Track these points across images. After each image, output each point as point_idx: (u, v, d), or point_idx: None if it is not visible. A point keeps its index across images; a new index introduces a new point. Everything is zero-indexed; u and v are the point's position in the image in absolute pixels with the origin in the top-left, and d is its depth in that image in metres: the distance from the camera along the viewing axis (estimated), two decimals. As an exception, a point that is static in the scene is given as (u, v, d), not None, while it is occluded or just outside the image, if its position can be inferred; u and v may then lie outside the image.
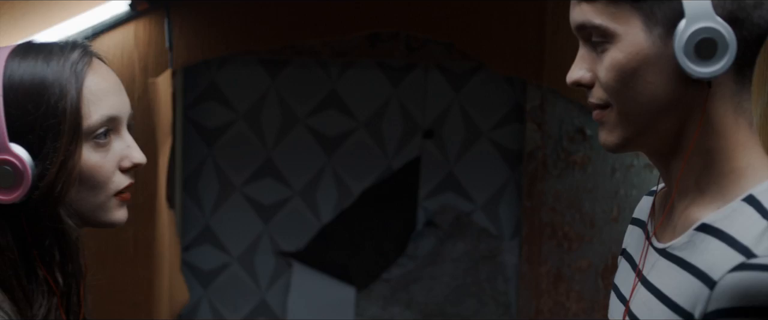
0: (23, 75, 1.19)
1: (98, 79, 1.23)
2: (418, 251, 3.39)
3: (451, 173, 3.35)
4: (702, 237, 1.05)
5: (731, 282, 0.98)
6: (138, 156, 1.26)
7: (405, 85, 3.31)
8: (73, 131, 1.18)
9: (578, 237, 2.92)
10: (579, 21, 1.10)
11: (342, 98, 3.30)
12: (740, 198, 1.05)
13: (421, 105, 3.32)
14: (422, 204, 3.37)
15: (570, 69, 1.12)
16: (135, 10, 2.63)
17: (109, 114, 1.22)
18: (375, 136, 3.33)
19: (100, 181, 1.22)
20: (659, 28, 1.04)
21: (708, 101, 1.06)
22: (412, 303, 3.39)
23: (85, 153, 1.20)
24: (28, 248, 1.19)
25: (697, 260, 1.04)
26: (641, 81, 1.06)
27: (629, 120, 1.09)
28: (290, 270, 3.39)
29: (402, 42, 3.07)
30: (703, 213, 1.07)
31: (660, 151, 1.12)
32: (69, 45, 1.24)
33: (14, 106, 1.17)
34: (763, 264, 0.97)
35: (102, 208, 1.24)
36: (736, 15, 1.04)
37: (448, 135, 3.32)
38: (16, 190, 1.16)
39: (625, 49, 1.06)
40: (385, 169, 3.35)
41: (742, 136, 1.08)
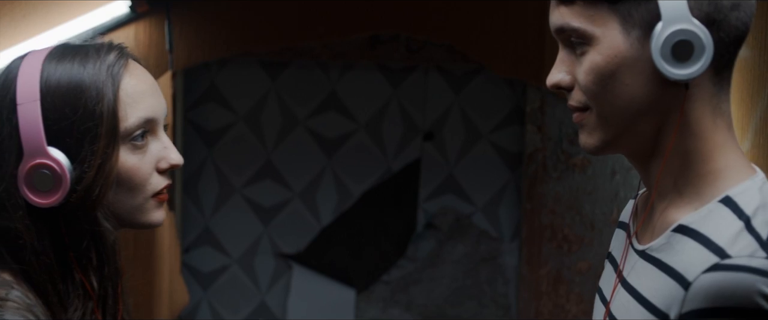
0: (60, 78, 1.19)
1: (135, 81, 1.23)
2: (418, 253, 3.39)
3: (451, 175, 3.35)
4: (678, 238, 1.05)
5: (705, 283, 0.98)
6: (175, 157, 1.26)
7: (405, 86, 3.31)
8: (111, 134, 1.18)
9: (578, 240, 2.92)
10: (558, 24, 1.10)
11: (342, 100, 3.30)
12: (717, 200, 1.05)
13: (421, 107, 3.32)
14: (422, 206, 3.37)
15: (550, 72, 1.13)
16: (135, 12, 2.63)
17: (146, 116, 1.22)
18: (375, 138, 3.33)
19: (137, 183, 1.22)
20: (637, 30, 1.05)
21: (685, 103, 1.06)
22: (412, 304, 3.39)
23: (122, 155, 1.19)
24: (65, 251, 1.19)
25: (673, 261, 1.04)
26: (619, 83, 1.06)
27: (608, 122, 1.09)
28: (290, 271, 3.39)
29: (402, 44, 3.07)
30: (681, 215, 1.07)
31: (639, 152, 1.12)
32: (105, 47, 1.24)
33: (52, 110, 1.17)
34: (736, 265, 0.98)
35: (140, 210, 1.24)
36: (712, 17, 1.04)
37: (448, 137, 3.32)
38: (55, 194, 1.16)
39: (604, 52, 1.06)
40: (385, 171, 3.35)
41: (720, 137, 1.08)
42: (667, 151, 1.08)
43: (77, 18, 2.59)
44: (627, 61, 1.05)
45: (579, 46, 1.09)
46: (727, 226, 1.02)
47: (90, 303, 1.20)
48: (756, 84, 2.15)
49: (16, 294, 1.15)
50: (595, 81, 1.07)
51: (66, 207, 1.17)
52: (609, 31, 1.06)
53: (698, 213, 1.05)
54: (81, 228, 1.18)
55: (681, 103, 1.06)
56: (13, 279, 1.17)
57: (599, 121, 1.10)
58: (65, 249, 1.19)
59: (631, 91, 1.05)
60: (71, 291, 1.19)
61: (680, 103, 1.06)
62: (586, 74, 1.08)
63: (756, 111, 2.14)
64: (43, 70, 1.19)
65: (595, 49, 1.07)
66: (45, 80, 1.18)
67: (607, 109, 1.08)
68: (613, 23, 1.06)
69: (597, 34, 1.06)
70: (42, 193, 1.16)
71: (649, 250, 1.10)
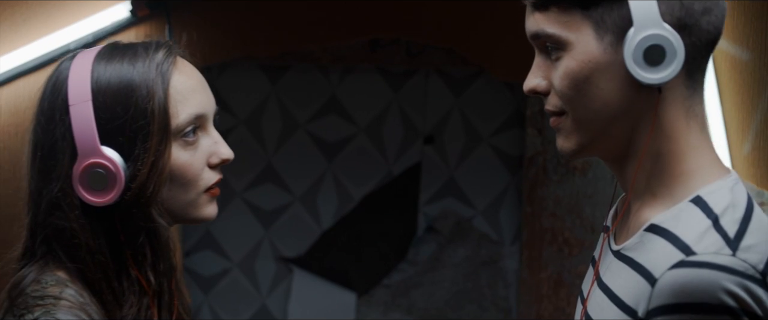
0: (110, 78, 1.20)
1: (184, 78, 1.24)
2: (419, 256, 3.39)
3: (452, 178, 3.35)
4: (650, 238, 1.07)
5: (670, 279, 1.00)
6: (225, 151, 1.27)
7: (405, 90, 3.31)
8: (162, 131, 1.19)
9: (579, 243, 2.92)
10: (533, 30, 1.12)
11: (342, 104, 3.30)
12: (688, 199, 1.07)
13: (421, 110, 3.32)
14: (423, 210, 3.37)
15: (526, 77, 1.15)
16: (136, 16, 2.63)
17: (196, 112, 1.23)
18: (375, 142, 3.33)
19: (190, 179, 1.23)
20: (610, 35, 1.07)
21: (659, 106, 1.08)
22: (413, 308, 3.39)
23: (174, 152, 1.21)
24: (120, 249, 1.20)
25: (643, 259, 1.06)
26: (594, 88, 1.08)
27: (584, 126, 1.11)
28: (291, 275, 3.39)
29: (402, 47, 3.07)
30: (654, 214, 1.10)
31: (615, 155, 1.14)
32: (153, 45, 1.25)
33: (103, 110, 1.18)
34: (700, 261, 0.99)
35: (193, 205, 1.26)
36: (684, 22, 1.07)
37: (449, 140, 3.33)
38: (110, 192, 1.17)
39: (578, 57, 1.08)
40: (385, 175, 3.35)
41: (694, 139, 1.11)
42: (642, 153, 1.10)
43: (78, 22, 2.60)
44: (601, 66, 1.07)
45: (554, 52, 1.10)
46: (696, 225, 1.04)
47: (145, 299, 1.22)
48: (756, 87, 2.15)
49: (70, 293, 1.17)
50: (570, 86, 1.09)
51: (120, 205, 1.19)
52: (583, 37, 1.08)
53: (669, 212, 1.08)
54: (136, 225, 1.20)
55: (654, 106, 1.08)
56: (68, 277, 1.19)
57: (575, 125, 1.12)
58: (120, 247, 1.20)
59: (605, 95, 1.07)
60: (126, 288, 1.21)
61: (654, 106, 1.08)
62: (561, 79, 1.10)
63: (756, 113, 2.14)
64: (94, 71, 1.20)
65: (569, 55, 1.09)
66: (96, 80, 1.19)
67: (582, 113, 1.10)
68: (586, 29, 1.08)
69: (571, 40, 1.08)
70: (97, 192, 1.17)
71: (623, 250, 1.13)
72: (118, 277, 1.20)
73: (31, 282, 1.19)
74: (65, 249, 1.19)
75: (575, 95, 1.09)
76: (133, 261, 1.21)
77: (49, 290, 1.17)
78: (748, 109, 2.17)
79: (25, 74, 2.61)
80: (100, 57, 1.23)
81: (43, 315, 1.13)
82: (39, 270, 1.20)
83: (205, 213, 1.28)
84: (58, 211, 1.19)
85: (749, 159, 2.16)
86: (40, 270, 1.20)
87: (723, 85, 2.21)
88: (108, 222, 1.20)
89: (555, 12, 1.09)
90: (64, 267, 1.20)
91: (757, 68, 2.15)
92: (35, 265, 1.22)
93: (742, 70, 2.18)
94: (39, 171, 1.22)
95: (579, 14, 1.08)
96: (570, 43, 1.09)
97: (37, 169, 1.22)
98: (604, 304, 1.12)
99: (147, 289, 1.22)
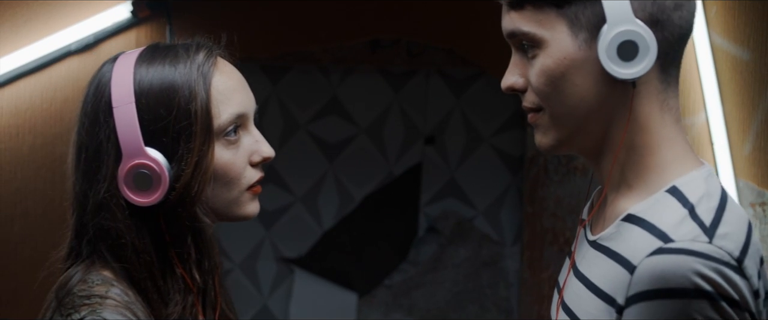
0: (152, 80, 1.22)
1: (225, 78, 1.27)
2: (420, 257, 3.39)
3: (453, 179, 3.35)
4: (627, 227, 1.10)
5: (648, 266, 1.02)
6: (267, 149, 1.29)
7: (406, 91, 3.31)
8: (205, 131, 1.21)
9: (580, 243, 2.92)
10: (509, 29, 1.14)
11: (343, 104, 3.30)
12: (664, 189, 1.10)
13: (422, 111, 3.32)
14: (424, 210, 3.37)
15: (504, 76, 1.17)
16: (136, 17, 2.64)
17: (238, 111, 1.26)
18: (376, 142, 3.33)
19: (233, 178, 1.25)
20: (584, 32, 1.09)
21: (634, 100, 1.11)
22: (414, 309, 3.39)
23: (217, 151, 1.23)
24: (165, 248, 1.22)
25: (621, 248, 1.08)
26: (569, 84, 1.11)
27: (561, 121, 1.13)
28: (292, 276, 3.39)
29: (403, 48, 3.07)
30: (630, 205, 1.12)
31: (592, 149, 1.17)
32: (193, 46, 1.27)
33: (147, 111, 1.20)
34: (677, 248, 1.01)
35: (236, 203, 1.28)
36: (656, 17, 1.09)
37: (450, 141, 3.33)
38: (155, 193, 1.19)
39: (553, 55, 1.10)
40: (386, 175, 3.35)
41: (668, 131, 1.13)
42: (618, 146, 1.13)
43: (79, 23, 2.60)
44: (576, 62, 1.10)
45: (530, 50, 1.13)
46: (672, 214, 1.06)
47: (190, 298, 1.24)
48: (757, 86, 2.15)
49: (116, 292, 1.18)
50: (547, 83, 1.11)
51: (165, 204, 1.20)
52: (558, 35, 1.10)
53: (646, 202, 1.10)
54: (181, 224, 1.22)
55: (629, 101, 1.11)
56: (114, 276, 1.21)
57: (552, 121, 1.14)
58: (165, 246, 1.22)
59: (580, 91, 1.10)
60: (171, 286, 1.22)
61: (628, 100, 1.11)
62: (537, 76, 1.12)
63: (757, 114, 2.14)
64: (136, 73, 1.22)
65: (545, 52, 1.11)
66: (138, 82, 1.21)
67: (559, 109, 1.13)
68: (561, 27, 1.10)
69: (546, 38, 1.10)
70: (142, 193, 1.19)
71: (599, 240, 1.15)
72: (163, 276, 1.22)
73: (78, 282, 1.20)
74: (111, 249, 1.21)
75: (551, 92, 1.12)
76: (178, 259, 1.23)
77: (96, 289, 1.18)
78: (748, 109, 2.17)
79: (26, 75, 2.61)
80: (141, 59, 1.25)
81: (89, 314, 1.15)
82: (85, 270, 1.22)
83: (248, 210, 1.30)
84: (104, 212, 1.21)
85: (750, 159, 2.16)
86: (87, 270, 1.22)
87: (724, 84, 2.21)
88: (153, 221, 1.22)
89: (530, 10, 1.11)
90: (110, 267, 1.21)
91: (758, 68, 2.15)
92: (81, 265, 1.24)
93: (743, 70, 2.18)
94: (84, 173, 1.23)
95: (553, 12, 1.10)
96: (545, 41, 1.11)
97: (82, 171, 1.23)
98: (582, 293, 1.14)
99: (192, 287, 1.24)
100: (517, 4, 1.12)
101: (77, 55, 2.63)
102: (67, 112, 2.65)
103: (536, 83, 1.13)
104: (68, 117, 2.64)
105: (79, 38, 2.60)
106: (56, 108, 2.65)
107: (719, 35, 2.21)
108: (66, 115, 2.65)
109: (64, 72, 2.63)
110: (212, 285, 1.30)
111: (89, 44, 2.62)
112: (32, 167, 2.65)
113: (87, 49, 2.63)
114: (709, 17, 2.23)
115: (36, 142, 2.64)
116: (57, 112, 2.65)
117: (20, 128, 2.64)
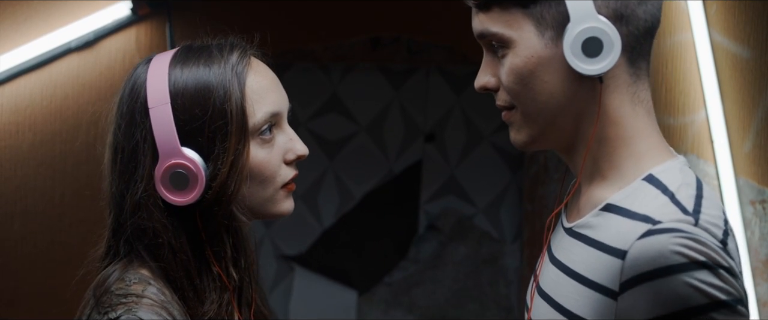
0: (187, 81, 1.23)
1: (259, 78, 1.29)
2: (420, 255, 3.39)
3: (453, 177, 3.35)
4: (607, 217, 1.12)
5: (640, 248, 1.04)
6: (301, 147, 1.32)
7: (406, 88, 3.31)
8: (240, 131, 1.23)
9: (580, 241, 2.92)
10: (478, 30, 1.18)
11: (343, 102, 3.30)
12: (641, 178, 1.12)
13: (422, 108, 3.32)
14: (424, 208, 3.37)
15: (477, 75, 1.21)
16: (136, 15, 2.64)
17: (272, 110, 1.28)
18: (376, 140, 3.33)
19: (268, 176, 1.27)
20: (550, 31, 1.12)
21: (603, 94, 1.14)
22: (414, 306, 3.39)
23: (252, 150, 1.24)
24: (202, 247, 1.24)
25: (603, 237, 1.11)
26: (539, 81, 1.13)
27: (533, 118, 1.17)
28: (292, 274, 3.39)
29: (403, 46, 3.07)
30: (607, 194, 1.14)
31: (565, 144, 1.19)
32: (227, 46, 1.29)
33: (182, 112, 1.22)
34: (666, 228, 1.04)
35: (271, 201, 1.29)
36: (620, 12, 1.12)
37: (450, 138, 3.33)
38: (192, 192, 1.21)
39: (521, 54, 1.13)
40: (386, 173, 3.35)
41: (640, 123, 1.16)
42: (590, 139, 1.15)
43: (79, 20, 2.60)
44: (543, 60, 1.12)
45: (500, 50, 1.16)
46: (653, 200, 1.09)
47: (226, 295, 1.25)
48: (757, 84, 2.15)
49: (152, 291, 1.20)
50: (516, 81, 1.14)
51: (202, 204, 1.22)
52: (525, 34, 1.13)
53: (624, 191, 1.12)
54: (217, 223, 1.23)
55: (598, 96, 1.13)
56: (151, 275, 1.22)
57: (524, 118, 1.17)
58: (201, 245, 1.24)
59: (550, 88, 1.13)
60: (207, 285, 1.24)
61: (597, 95, 1.13)
62: (507, 75, 1.15)
63: (757, 111, 2.14)
64: (171, 74, 1.24)
65: (513, 52, 1.14)
66: (173, 84, 1.23)
67: (530, 106, 1.15)
68: (528, 26, 1.13)
69: (514, 38, 1.13)
70: (179, 192, 1.20)
71: (576, 227, 1.17)
72: (200, 274, 1.24)
73: (116, 281, 1.22)
74: (148, 249, 1.23)
75: (522, 90, 1.14)
76: (214, 258, 1.24)
77: (133, 288, 1.20)
78: (749, 107, 2.17)
79: (27, 72, 2.61)
80: (175, 60, 1.26)
81: (125, 313, 1.16)
82: (123, 269, 1.24)
83: (283, 208, 1.31)
84: (141, 212, 1.22)
85: (750, 157, 2.16)
86: (124, 269, 1.24)
87: (724, 83, 2.21)
88: (189, 221, 1.23)
89: (497, 12, 1.14)
90: (147, 266, 1.23)
91: (758, 66, 2.15)
92: (119, 264, 1.25)
93: (743, 68, 2.18)
94: (120, 174, 1.25)
95: (520, 13, 1.12)
96: (513, 41, 1.13)
97: (119, 172, 1.25)
98: (560, 279, 1.16)
99: (228, 285, 1.25)
100: (485, 6, 1.15)
101: (77, 53, 2.63)
102: (67, 109, 2.65)
103: (507, 82, 1.15)
104: (68, 114, 2.65)
105: (79, 36, 2.60)
106: (56, 105, 2.65)
107: (719, 33, 2.21)
108: (66, 113, 2.65)
109: (64, 69, 2.63)
110: (248, 282, 1.32)
111: (89, 42, 2.62)
112: (32, 164, 2.65)
113: (87, 47, 2.63)
114: (710, 15, 2.23)
115: (36, 140, 2.64)
116: (57, 109, 2.65)
117: (20, 125, 2.64)
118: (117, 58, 2.66)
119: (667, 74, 2.32)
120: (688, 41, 2.27)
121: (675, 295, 1.00)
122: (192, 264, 1.23)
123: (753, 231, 2.14)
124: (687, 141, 2.29)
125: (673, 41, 2.30)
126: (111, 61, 2.66)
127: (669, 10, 2.28)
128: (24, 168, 2.66)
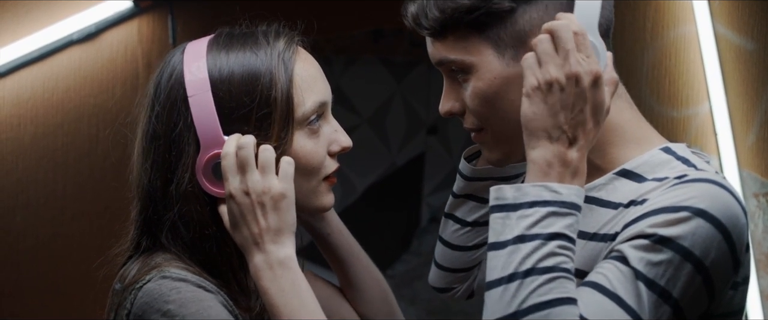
0: (233, 67, 1.17)
1: (307, 66, 1.24)
2: (422, 247, 3.39)
3: (455, 169, 3.34)
4: (623, 181, 1.10)
5: (690, 187, 1.01)
6: (345, 140, 1.30)
7: (409, 81, 3.31)
8: (286, 120, 1.18)
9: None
10: (436, 58, 1.18)
11: (345, 94, 3.30)
12: (658, 147, 1.11)
13: (425, 101, 3.31)
14: (426, 201, 3.37)
15: (440, 101, 1.21)
16: (138, 7, 2.63)
17: (320, 99, 1.24)
18: (379, 133, 3.32)
19: (314, 166, 1.23)
20: (509, 50, 1.10)
21: None
22: (417, 299, 3.39)
23: (300, 139, 1.20)
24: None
25: (616, 197, 1.09)
26: (505, 101, 1.12)
27: (505, 137, 1.15)
28: (294, 266, 3.39)
29: (405, 38, 3.07)
30: (623, 160, 1.12)
31: None
32: (272, 33, 1.25)
33: (227, 99, 1.16)
34: (705, 178, 1.02)
35: (313, 193, 1.25)
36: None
37: (452, 131, 3.32)
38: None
39: (484, 77, 1.12)
40: (389, 165, 3.35)
41: (627, 113, 1.14)
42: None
43: (80, 12, 2.60)
44: (507, 80, 1.11)
45: (460, 74, 1.15)
46: (675, 163, 1.08)
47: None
48: (761, 77, 2.14)
49: (178, 264, 1.14)
50: (482, 104, 1.13)
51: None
52: (485, 58, 1.11)
53: (641, 157, 1.10)
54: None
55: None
56: (188, 269, 1.15)
57: (495, 138, 1.17)
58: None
59: (517, 106, 1.08)
60: (250, 280, 1.18)
61: None
62: (472, 99, 1.14)
63: (761, 104, 2.14)
64: (213, 60, 1.18)
65: (475, 76, 1.12)
66: (218, 70, 1.17)
67: (500, 126, 1.14)
68: (486, 49, 1.11)
69: (475, 62, 1.12)
70: (221, 183, 1.14)
71: (586, 191, 1.13)
72: (243, 268, 1.18)
73: (138, 267, 1.17)
74: (193, 241, 1.16)
75: (489, 111, 1.13)
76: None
77: (157, 261, 1.15)
78: (752, 100, 2.17)
79: (28, 65, 2.61)
80: (217, 46, 1.20)
81: (157, 274, 1.11)
82: (144, 259, 1.18)
83: (325, 201, 1.29)
84: (187, 204, 1.15)
85: (754, 149, 2.16)
86: (146, 258, 1.18)
87: (728, 75, 2.20)
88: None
89: (452, 39, 1.13)
90: (194, 259, 1.16)
91: (762, 58, 2.14)
92: (141, 256, 1.19)
93: (747, 60, 2.17)
94: (157, 165, 1.17)
95: (476, 38, 1.11)
96: (474, 66, 1.12)
97: (152, 162, 1.18)
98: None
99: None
100: (440, 34, 1.15)
101: (79, 45, 2.63)
102: (68, 101, 2.64)
103: (473, 106, 1.14)
104: (70, 107, 2.64)
105: (80, 28, 2.60)
106: (58, 98, 2.64)
107: (723, 25, 2.20)
108: (68, 105, 2.64)
109: (65, 62, 2.63)
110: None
111: (91, 34, 2.61)
112: (34, 157, 2.65)
113: (89, 39, 2.62)
114: (713, 7, 2.22)
115: (38, 132, 2.64)
116: (59, 102, 2.64)
117: (22, 118, 2.63)
118: (119, 51, 2.66)
119: (670, 66, 2.31)
120: (691, 33, 2.26)
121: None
122: (235, 257, 1.17)
123: (757, 224, 2.14)
124: (690, 133, 2.28)
125: (676, 34, 2.29)
126: (113, 54, 2.65)
127: (673, 3, 2.28)
128: (26, 161, 2.65)
